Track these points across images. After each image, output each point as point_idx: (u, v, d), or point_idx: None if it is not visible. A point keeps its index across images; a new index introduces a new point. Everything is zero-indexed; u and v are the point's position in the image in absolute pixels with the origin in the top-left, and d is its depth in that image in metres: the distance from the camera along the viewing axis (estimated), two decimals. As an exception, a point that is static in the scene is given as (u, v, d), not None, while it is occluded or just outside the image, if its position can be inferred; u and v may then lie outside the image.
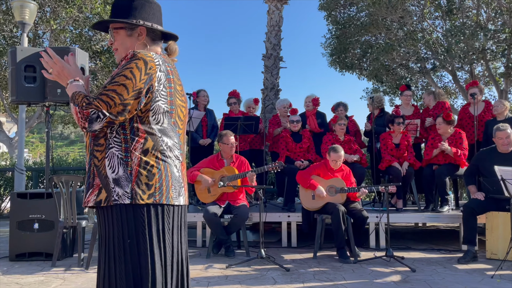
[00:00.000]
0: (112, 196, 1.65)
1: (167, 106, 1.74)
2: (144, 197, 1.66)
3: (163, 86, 1.73)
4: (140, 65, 1.67)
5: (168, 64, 1.79)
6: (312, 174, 5.01)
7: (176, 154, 1.79)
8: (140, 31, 1.81)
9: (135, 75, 1.65)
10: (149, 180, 1.68)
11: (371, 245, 5.36)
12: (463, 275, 4.07)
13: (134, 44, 1.81)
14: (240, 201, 5.06)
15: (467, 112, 6.22)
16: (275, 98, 9.93)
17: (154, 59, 1.71)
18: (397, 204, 5.84)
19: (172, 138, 1.77)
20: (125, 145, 1.67)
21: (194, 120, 6.21)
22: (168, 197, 1.71)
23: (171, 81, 1.77)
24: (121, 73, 1.66)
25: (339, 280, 3.89)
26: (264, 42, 10.42)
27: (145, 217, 1.67)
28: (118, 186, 1.65)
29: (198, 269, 4.32)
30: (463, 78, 12.02)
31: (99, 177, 1.68)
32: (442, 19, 10.85)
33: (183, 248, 1.79)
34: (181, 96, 1.84)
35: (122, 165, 1.66)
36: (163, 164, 1.72)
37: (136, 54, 1.69)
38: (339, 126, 5.94)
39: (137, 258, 1.65)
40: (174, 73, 1.81)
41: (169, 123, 1.77)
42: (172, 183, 1.73)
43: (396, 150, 5.81)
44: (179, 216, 1.78)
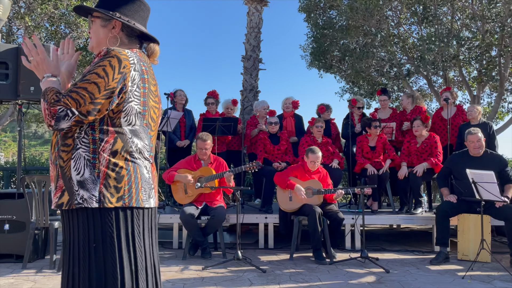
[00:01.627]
0: (75, 199, 1.59)
1: (140, 107, 1.70)
2: (112, 200, 1.61)
3: (137, 86, 1.69)
4: (113, 63, 1.62)
5: (144, 63, 1.75)
6: (290, 175, 5.04)
7: (146, 156, 1.75)
8: (115, 24, 1.76)
9: (108, 73, 1.60)
10: (117, 182, 1.63)
11: (347, 246, 5.42)
12: (435, 276, 4.16)
13: (106, 35, 1.76)
14: (218, 202, 5.04)
15: (440, 116, 6.38)
16: (254, 99, 9.94)
17: (129, 58, 1.66)
18: (373, 206, 5.93)
19: (143, 139, 1.73)
20: (93, 146, 1.62)
21: (172, 120, 6.15)
22: (138, 200, 1.67)
23: (145, 81, 1.73)
24: (93, 70, 1.61)
25: (314, 281, 3.92)
26: (244, 44, 10.43)
27: (113, 221, 1.61)
28: (83, 189, 1.59)
29: (173, 271, 4.28)
30: (438, 83, 12.30)
31: (63, 179, 1.62)
32: (418, 25, 11.08)
33: (155, 252, 1.75)
34: (154, 97, 1.80)
35: (89, 167, 1.61)
36: (133, 166, 1.67)
37: (110, 51, 1.64)
38: (316, 129, 5.99)
39: (103, 263, 1.59)
40: (149, 72, 1.77)
41: (141, 124, 1.72)
42: (142, 185, 1.69)
43: (371, 153, 5.90)
44: (149, 219, 1.74)
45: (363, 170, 5.82)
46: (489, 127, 5.92)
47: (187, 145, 6.44)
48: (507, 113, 11.96)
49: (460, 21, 10.45)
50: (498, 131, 10.77)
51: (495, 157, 4.94)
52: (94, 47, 1.80)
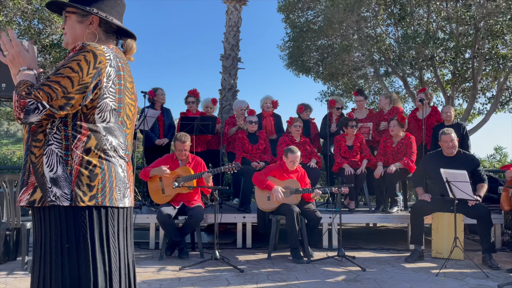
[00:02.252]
0: (48, 197, 1.55)
1: (115, 104, 1.66)
2: (85, 199, 1.57)
3: (112, 82, 1.65)
4: (89, 58, 1.58)
5: (120, 59, 1.71)
6: (268, 175, 5.04)
7: (121, 154, 1.71)
8: (92, 19, 1.72)
9: (83, 68, 1.56)
10: (91, 180, 1.59)
11: (324, 245, 5.46)
12: (410, 274, 4.23)
13: (84, 31, 1.72)
14: (195, 202, 5.00)
15: (415, 116, 6.51)
16: (233, 98, 9.92)
17: (105, 53, 1.63)
18: (350, 205, 6.00)
19: (117, 137, 1.69)
20: (66, 143, 1.58)
21: (149, 119, 6.07)
22: (111, 199, 1.63)
23: (121, 77, 1.69)
24: (67, 64, 1.56)
25: (292, 280, 3.93)
26: (223, 43, 10.40)
27: (86, 220, 1.57)
28: (56, 186, 1.55)
29: (150, 272, 4.22)
30: (413, 84, 12.53)
31: (35, 175, 1.57)
32: (395, 26, 11.26)
33: (130, 252, 1.72)
34: (130, 94, 1.76)
35: (62, 164, 1.57)
36: (107, 164, 1.64)
37: (85, 46, 1.60)
38: (295, 128, 6.02)
39: (76, 264, 1.55)
40: (126, 69, 1.74)
41: (116, 121, 1.69)
42: (116, 183, 1.65)
43: (349, 152, 5.96)
44: (125, 219, 1.70)
45: (341, 170, 5.87)
46: (462, 128, 6.07)
47: (166, 144, 6.36)
48: (478, 114, 12.28)
49: (435, 23, 10.67)
50: (471, 132, 11.05)
51: (468, 157, 5.06)
52: (69, 43, 1.75)
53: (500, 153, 12.39)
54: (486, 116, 11.26)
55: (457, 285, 3.81)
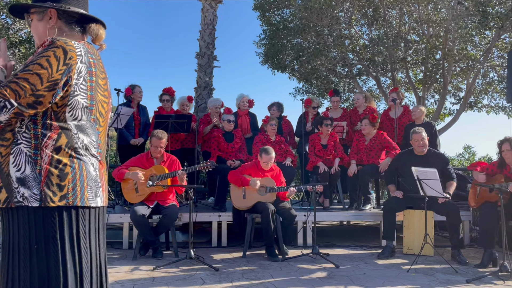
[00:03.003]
0: (14, 197, 1.50)
1: (86, 102, 1.62)
2: (55, 199, 1.53)
3: (83, 79, 1.61)
4: (58, 54, 1.54)
5: (92, 55, 1.67)
6: (244, 173, 5.04)
7: (93, 153, 1.67)
8: (50, 13, 1.67)
9: (52, 64, 1.52)
10: (61, 180, 1.55)
11: (299, 243, 5.51)
12: (382, 270, 4.32)
13: (45, 28, 1.67)
14: (170, 201, 4.96)
15: (387, 116, 6.64)
16: (209, 97, 9.87)
17: (76, 49, 1.58)
18: (324, 203, 6.07)
19: (89, 135, 1.65)
20: (35, 142, 1.53)
21: (123, 117, 5.97)
22: (83, 199, 1.59)
23: (92, 74, 1.65)
24: (36, 61, 1.52)
25: (267, 278, 3.95)
26: (198, 41, 10.33)
27: (56, 221, 1.53)
28: (24, 187, 1.51)
29: (123, 272, 4.16)
30: (386, 84, 12.77)
31: (0, 175, 1.52)
32: (368, 27, 11.45)
33: (102, 253, 1.69)
34: (103, 91, 1.72)
35: (30, 163, 1.52)
36: (78, 163, 1.60)
37: (55, 41, 1.55)
38: (270, 127, 6.04)
39: (46, 266, 1.51)
40: (98, 65, 1.69)
41: (89, 119, 1.65)
42: (88, 183, 1.61)
43: (323, 151, 6.03)
44: (96, 219, 1.67)
45: (315, 168, 5.93)
46: (431, 127, 6.23)
47: (141, 143, 6.27)
48: (449, 114, 12.62)
49: (407, 25, 10.90)
50: (441, 131, 11.35)
51: (437, 155, 5.20)
52: (38, 44, 1.70)
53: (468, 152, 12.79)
54: (455, 115, 11.59)
55: (427, 281, 3.91)
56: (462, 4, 9.06)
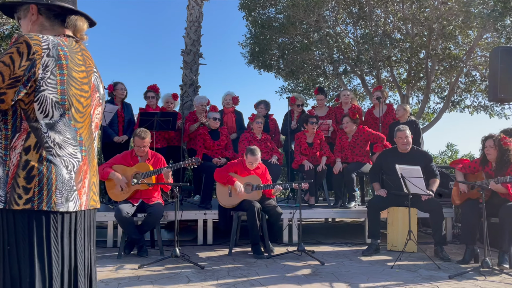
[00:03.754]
0: None
1: (56, 96, 1.56)
2: (20, 202, 1.48)
3: (51, 73, 1.54)
4: (22, 49, 1.49)
5: (63, 48, 1.60)
6: (230, 171, 5.04)
7: (70, 151, 1.61)
8: (32, 9, 1.63)
9: (14, 61, 1.47)
10: (27, 182, 1.50)
11: (285, 240, 5.53)
12: (367, 266, 4.36)
13: (28, 25, 1.64)
14: (155, 199, 4.92)
15: (372, 114, 6.70)
16: (194, 94, 9.81)
17: (42, 42, 1.53)
18: (310, 200, 6.10)
19: (63, 133, 1.59)
20: (5, 142, 1.50)
21: (107, 114, 5.90)
22: (49, 203, 1.53)
23: (63, 67, 1.58)
24: (0, 59, 1.48)
25: (252, 276, 3.95)
26: (184, 38, 10.26)
27: (22, 224, 1.49)
28: None
29: (107, 271, 4.12)
30: (371, 83, 12.88)
31: None
32: (354, 26, 11.52)
33: (79, 256, 1.63)
34: (80, 84, 1.65)
35: (1, 164, 1.48)
36: (47, 165, 1.54)
37: (20, 37, 1.51)
38: (256, 125, 6.04)
39: (17, 266, 1.48)
40: (72, 58, 1.62)
41: (62, 116, 1.58)
42: (56, 186, 1.55)
43: (309, 149, 6.05)
44: (72, 223, 1.61)
45: (301, 166, 5.96)
46: (415, 125, 6.30)
47: (125, 140, 6.21)
48: (432, 113, 12.79)
49: (392, 24, 11.00)
50: (424, 129, 11.51)
51: (421, 153, 5.27)
52: None
53: (451, 150, 13.00)
54: (438, 114, 11.75)
55: (410, 277, 3.97)
56: (446, 4, 9.19)
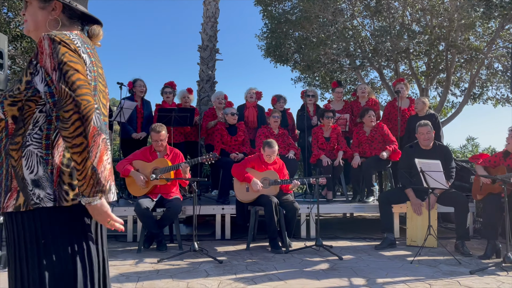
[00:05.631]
0: (31, 199, 1.49)
1: None
2: (68, 199, 1.52)
3: (89, 70, 1.57)
4: (72, 48, 1.52)
5: (87, 45, 1.63)
6: (247, 166, 5.05)
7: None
8: (55, 5, 1.63)
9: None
10: (72, 179, 1.53)
11: (302, 235, 5.53)
12: (386, 262, 4.33)
13: (46, 18, 1.63)
14: (173, 194, 4.97)
15: (395, 106, 6.57)
16: (211, 90, 9.85)
17: (73, 41, 1.54)
18: (327, 195, 6.07)
19: None
20: (46, 142, 1.51)
21: (126, 110, 5.96)
22: None
23: (93, 64, 1.61)
24: (65, 61, 1.50)
25: (270, 270, 3.97)
26: (200, 33, 10.29)
27: (69, 220, 1.54)
28: (38, 188, 1.49)
29: (128, 264, 4.19)
30: (388, 76, 12.72)
31: (16, 179, 1.51)
32: (371, 19, 11.38)
33: (105, 245, 1.69)
34: (103, 80, 1.69)
35: (42, 164, 1.51)
36: None
37: (52, 37, 1.50)
38: (273, 119, 6.03)
39: (65, 264, 1.53)
40: (95, 55, 1.66)
41: None
42: None
43: (326, 144, 6.02)
44: None
45: (318, 161, 5.93)
46: (434, 118, 6.19)
47: (143, 137, 6.28)
48: (452, 107, 12.57)
49: (410, 16, 10.83)
50: (445, 123, 11.32)
51: (442, 150, 5.15)
52: (31, 31, 1.66)
53: (472, 144, 12.76)
54: (459, 107, 11.54)
55: (430, 272, 3.92)
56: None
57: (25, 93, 1.53)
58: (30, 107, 1.53)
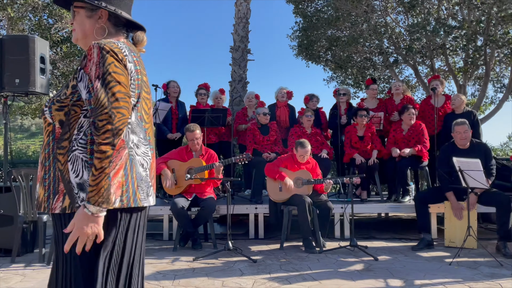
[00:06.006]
0: (76, 202, 1.55)
1: (134, 100, 1.64)
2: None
3: (133, 78, 1.62)
4: (119, 57, 1.57)
5: (134, 53, 1.68)
6: (280, 166, 5.06)
7: (144, 150, 1.68)
8: (101, 14, 1.69)
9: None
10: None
11: (336, 235, 5.48)
12: (423, 263, 4.23)
13: (93, 26, 1.69)
14: (207, 193, 5.04)
15: (429, 104, 6.41)
16: (243, 90, 9.92)
17: (121, 49, 1.60)
18: (362, 195, 5.99)
19: (137, 134, 1.66)
20: (91, 147, 1.55)
21: (161, 112, 6.11)
22: (135, 200, 1.62)
23: (138, 72, 1.66)
24: (110, 71, 1.55)
25: (304, 270, 3.96)
26: (232, 34, 10.38)
27: (111, 221, 1.59)
28: (83, 191, 1.54)
29: (164, 263, 4.28)
30: (424, 72, 12.40)
31: (63, 182, 1.57)
32: (405, 15, 11.12)
33: (135, 249, 1.72)
34: (147, 87, 1.74)
35: (87, 168, 1.55)
36: (130, 165, 1.61)
37: (101, 46, 1.55)
38: (306, 118, 6.00)
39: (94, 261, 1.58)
40: (140, 63, 1.71)
41: (136, 118, 1.66)
42: (138, 184, 1.64)
43: (360, 143, 5.94)
44: (138, 218, 1.70)
45: (352, 160, 5.86)
46: (473, 115, 5.97)
47: (178, 138, 6.40)
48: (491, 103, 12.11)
49: (446, 10, 10.51)
50: (484, 120, 10.93)
51: (481, 147, 4.98)
52: (79, 39, 1.73)
53: (513, 141, 12.24)
54: (499, 104, 11.11)
55: (470, 274, 3.81)
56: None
57: (71, 98, 1.58)
58: (75, 112, 1.59)
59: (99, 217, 1.50)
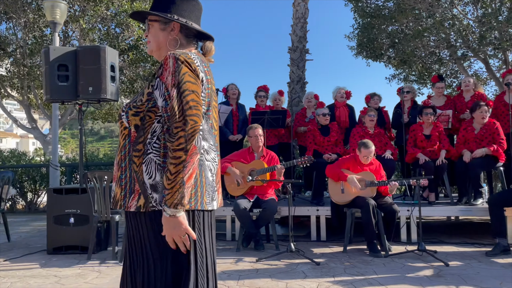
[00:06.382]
0: (150, 202, 1.64)
1: (205, 108, 1.71)
2: None
3: (204, 88, 1.70)
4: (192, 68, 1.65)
5: (204, 63, 1.75)
6: (342, 167, 4.97)
7: (213, 156, 1.76)
8: (174, 26, 1.78)
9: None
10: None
11: (402, 239, 5.28)
12: (499, 269, 3.97)
13: (166, 38, 1.78)
14: (269, 195, 5.07)
15: (502, 101, 5.98)
16: (302, 91, 9.87)
17: (194, 60, 1.67)
18: (429, 197, 5.73)
19: (208, 140, 1.74)
20: (164, 151, 1.64)
21: (221, 115, 6.24)
22: (202, 203, 1.69)
23: (209, 81, 1.74)
24: (185, 80, 1.64)
25: (370, 274, 3.86)
26: (290, 35, 10.36)
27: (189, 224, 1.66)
28: (156, 192, 1.63)
29: (228, 263, 4.36)
30: (496, 66, 11.62)
31: (138, 183, 1.66)
32: (473, 5, 10.50)
33: (214, 250, 1.79)
34: (215, 96, 1.82)
35: (160, 171, 1.64)
36: (199, 169, 1.69)
37: (176, 56, 1.64)
38: (369, 118, 5.83)
39: (178, 263, 1.65)
40: (210, 72, 1.78)
41: (207, 125, 1.74)
42: (206, 188, 1.71)
43: (426, 141, 5.68)
44: (210, 219, 1.77)
45: (415, 160, 5.62)
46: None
47: (239, 139, 6.51)
48: None
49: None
50: None
51: None
52: (154, 50, 1.82)
53: None
54: None
55: (555, 284, 3.51)
56: None
57: (146, 104, 1.68)
58: (150, 118, 1.68)
59: (177, 217, 1.57)
